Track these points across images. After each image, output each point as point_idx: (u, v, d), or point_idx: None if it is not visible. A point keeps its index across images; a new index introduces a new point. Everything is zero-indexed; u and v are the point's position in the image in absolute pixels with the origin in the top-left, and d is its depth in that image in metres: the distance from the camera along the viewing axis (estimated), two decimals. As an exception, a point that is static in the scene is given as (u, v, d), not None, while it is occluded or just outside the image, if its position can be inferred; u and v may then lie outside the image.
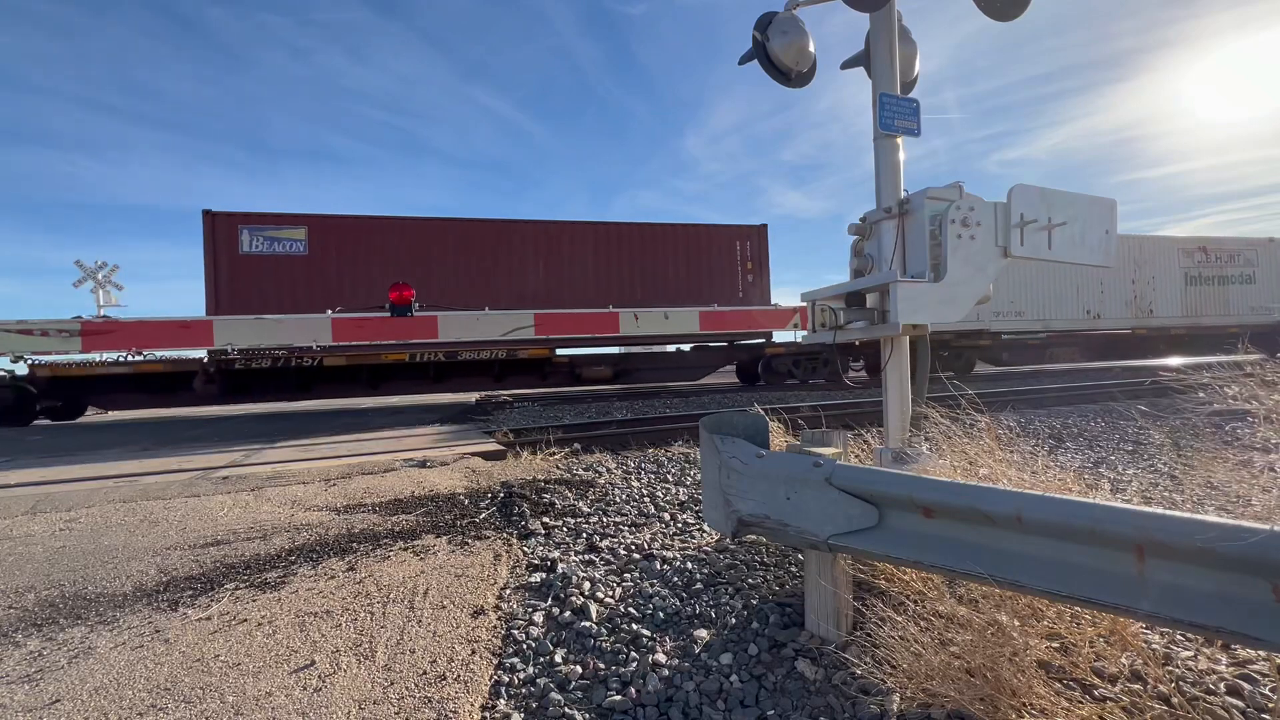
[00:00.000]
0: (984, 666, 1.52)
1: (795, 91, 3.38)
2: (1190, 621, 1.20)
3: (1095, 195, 2.84)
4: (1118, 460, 4.81)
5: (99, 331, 9.83)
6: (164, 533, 3.49)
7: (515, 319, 11.53)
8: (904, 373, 2.89)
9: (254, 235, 11.88)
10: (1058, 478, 2.35)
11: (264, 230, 11.96)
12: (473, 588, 2.63)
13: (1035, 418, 7.15)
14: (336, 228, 12.48)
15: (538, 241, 13.77)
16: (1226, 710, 1.54)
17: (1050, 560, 1.39)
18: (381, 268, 12.46)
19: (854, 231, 3.12)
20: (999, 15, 3.05)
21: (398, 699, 1.81)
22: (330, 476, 4.86)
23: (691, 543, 3.10)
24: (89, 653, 2.13)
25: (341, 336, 10.57)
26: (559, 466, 5.22)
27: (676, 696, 1.80)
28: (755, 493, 2.05)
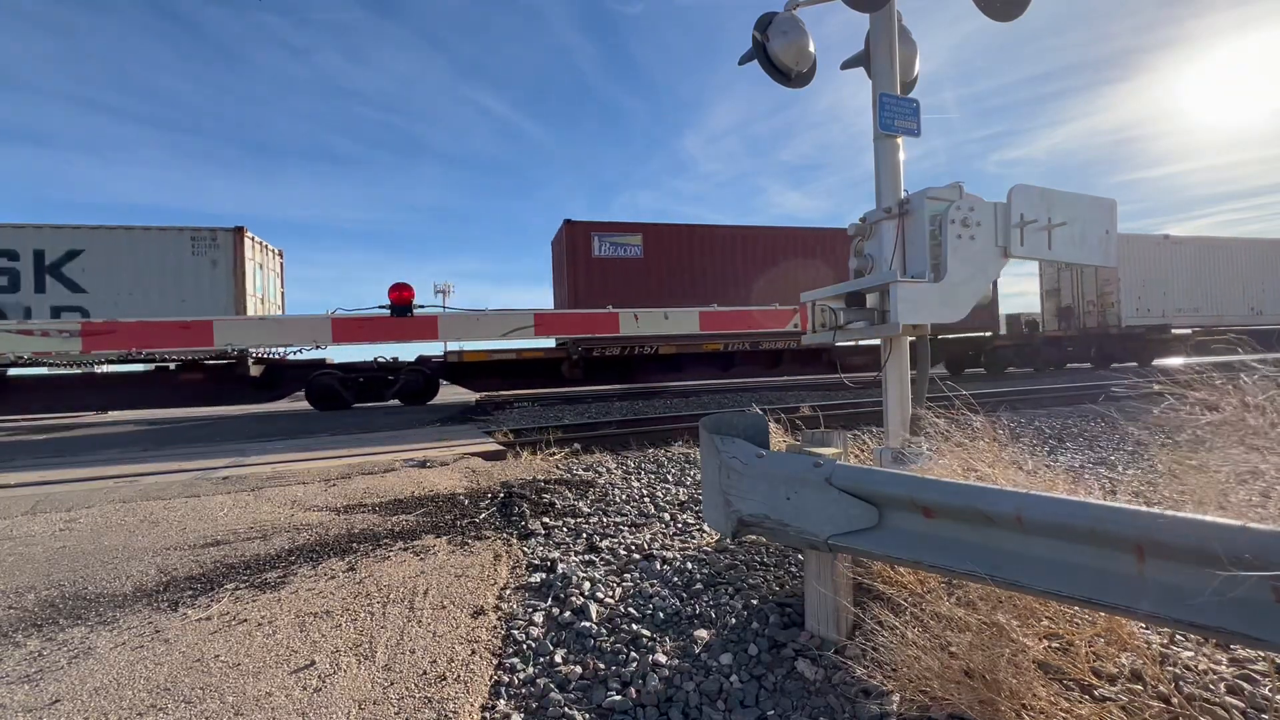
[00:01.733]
0: (983, 668, 1.52)
1: (794, 91, 3.39)
2: (1190, 622, 1.19)
3: (1095, 195, 2.84)
4: (1117, 460, 4.81)
5: (99, 332, 9.82)
6: (164, 533, 3.49)
7: (515, 318, 11.52)
8: (904, 373, 2.89)
9: (602, 241, 13.71)
10: (1064, 483, 2.35)
11: (610, 237, 13.81)
12: (473, 588, 2.63)
13: (1035, 418, 7.15)
14: (665, 234, 14.25)
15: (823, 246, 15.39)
16: (1226, 710, 1.54)
17: (1050, 560, 1.39)
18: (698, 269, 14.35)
19: (854, 231, 3.13)
20: (999, 16, 3.05)
21: (398, 699, 1.81)
22: (330, 476, 4.86)
23: (691, 543, 3.10)
24: (89, 653, 2.13)
25: (341, 337, 10.57)
26: (559, 466, 5.22)
27: (676, 696, 1.80)
28: (755, 493, 2.05)
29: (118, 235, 11.34)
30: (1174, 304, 17.11)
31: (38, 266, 10.93)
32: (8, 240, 10.62)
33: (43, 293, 10.99)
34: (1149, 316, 16.83)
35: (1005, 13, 3.04)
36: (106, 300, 11.12)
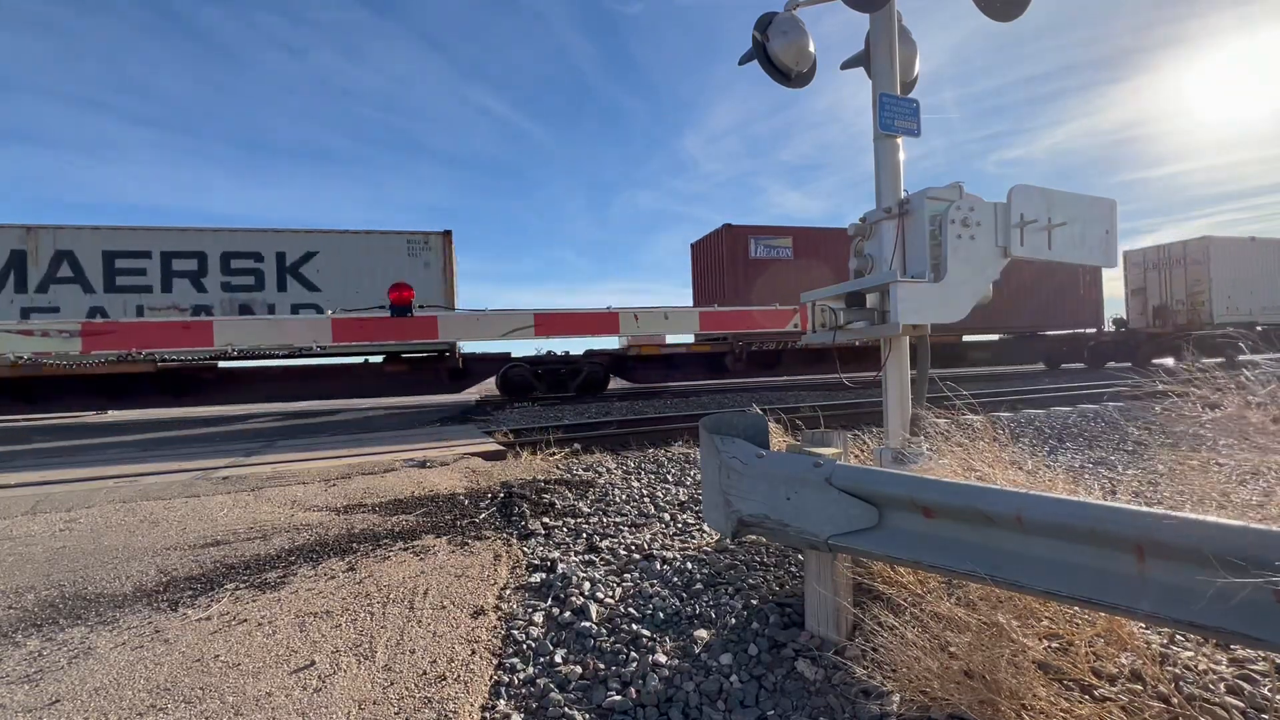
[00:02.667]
0: (983, 668, 1.52)
1: (793, 92, 3.38)
2: (1190, 622, 1.19)
3: (1095, 195, 2.84)
4: (1117, 460, 4.81)
5: (99, 332, 9.82)
6: (164, 533, 3.49)
7: (516, 319, 11.51)
8: (904, 373, 2.89)
9: (758, 243, 14.75)
10: (1064, 483, 2.35)
11: (764, 239, 14.85)
12: (473, 588, 2.63)
13: (1035, 418, 7.15)
14: (812, 237, 15.12)
15: None
16: (1226, 710, 1.54)
17: (1050, 560, 1.39)
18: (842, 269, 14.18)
19: (854, 231, 3.12)
20: (999, 16, 3.05)
21: (398, 699, 1.81)
22: (330, 477, 4.86)
23: (691, 543, 3.10)
24: (89, 653, 2.13)
25: (341, 337, 10.57)
26: (559, 466, 5.22)
27: (676, 696, 1.80)
28: (755, 493, 2.05)
29: (346, 239, 12.40)
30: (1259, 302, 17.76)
31: (280, 267, 11.92)
32: (254, 243, 11.75)
33: (284, 291, 11.93)
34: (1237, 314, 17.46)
35: (1005, 13, 3.04)
36: (337, 297, 12.18)
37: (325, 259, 12.24)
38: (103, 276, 11.07)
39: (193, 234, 11.50)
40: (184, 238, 11.44)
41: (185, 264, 11.43)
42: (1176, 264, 17.84)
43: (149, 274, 11.26)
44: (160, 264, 11.31)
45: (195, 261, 11.51)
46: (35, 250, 10.80)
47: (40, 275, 10.83)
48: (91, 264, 11.02)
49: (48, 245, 10.85)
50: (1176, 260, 17.85)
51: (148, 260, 11.24)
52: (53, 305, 10.80)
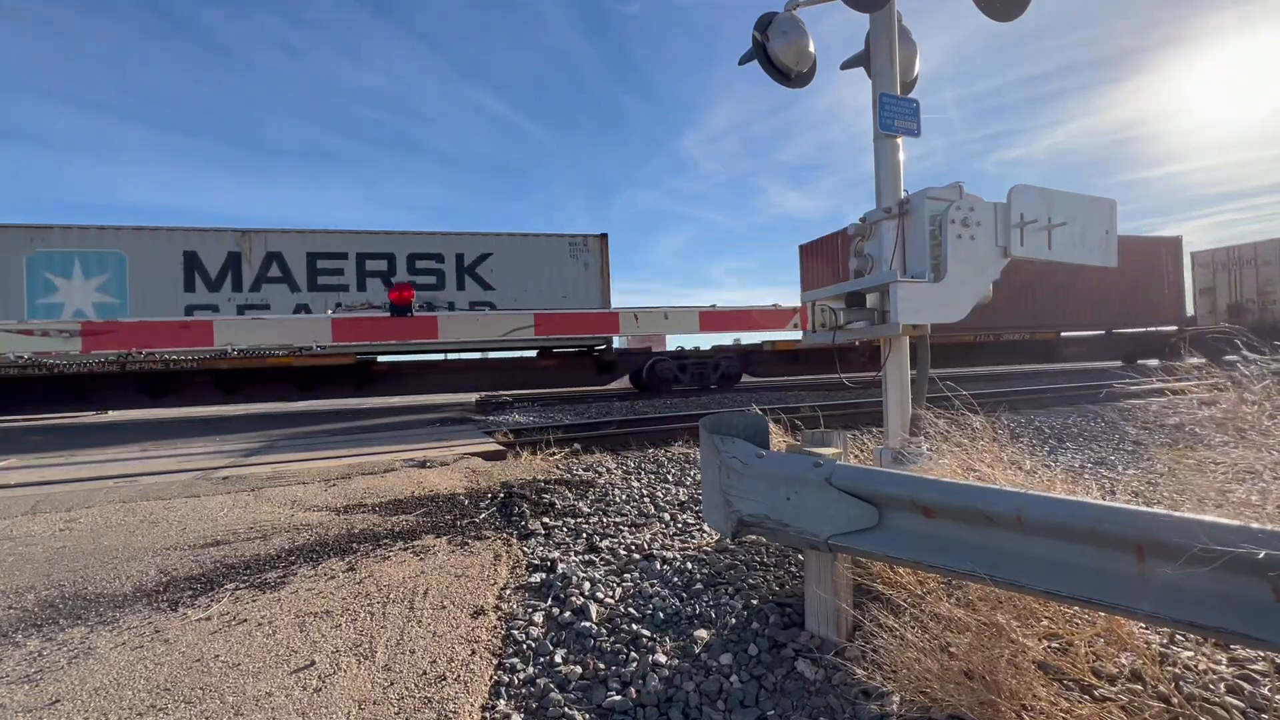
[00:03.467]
0: (983, 668, 1.52)
1: (793, 92, 3.38)
2: (1190, 622, 1.20)
3: (1095, 195, 2.84)
4: (1117, 460, 4.81)
5: (99, 332, 9.82)
6: (164, 533, 3.49)
7: (515, 319, 11.53)
8: (904, 373, 2.89)
9: None
10: (1064, 483, 2.35)
11: None
12: (473, 588, 2.63)
13: (1035, 418, 7.15)
14: None
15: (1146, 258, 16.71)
16: (1226, 710, 1.54)
17: (1050, 560, 1.39)
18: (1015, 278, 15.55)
19: (854, 231, 3.13)
20: (999, 16, 3.05)
21: (398, 699, 1.81)
22: (330, 477, 4.86)
23: (691, 543, 3.10)
24: (89, 653, 2.13)
25: (341, 337, 10.58)
26: (559, 466, 5.22)
27: (676, 696, 1.80)
28: (755, 493, 2.05)
29: (517, 241, 13.34)
30: None
31: (459, 267, 12.94)
32: (436, 245, 12.81)
33: (463, 289, 12.92)
34: None
35: (1005, 13, 3.04)
36: (508, 295, 13.12)
37: (498, 260, 13.20)
38: (306, 276, 12.14)
39: (383, 237, 12.59)
40: (375, 240, 12.52)
41: (377, 264, 12.46)
42: (1247, 264, 18.23)
43: (345, 274, 12.32)
44: (355, 265, 12.36)
45: (385, 262, 12.54)
46: (249, 252, 11.77)
47: (253, 275, 11.85)
48: (297, 265, 12.06)
49: (259, 248, 11.87)
50: (1247, 261, 18.24)
51: (345, 261, 12.30)
52: (264, 303, 11.81)
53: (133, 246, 11.34)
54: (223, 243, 11.69)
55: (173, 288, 11.47)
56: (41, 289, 10.90)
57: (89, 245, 11.13)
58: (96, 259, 11.11)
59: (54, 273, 10.97)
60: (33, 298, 10.88)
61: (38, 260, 10.89)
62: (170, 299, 11.42)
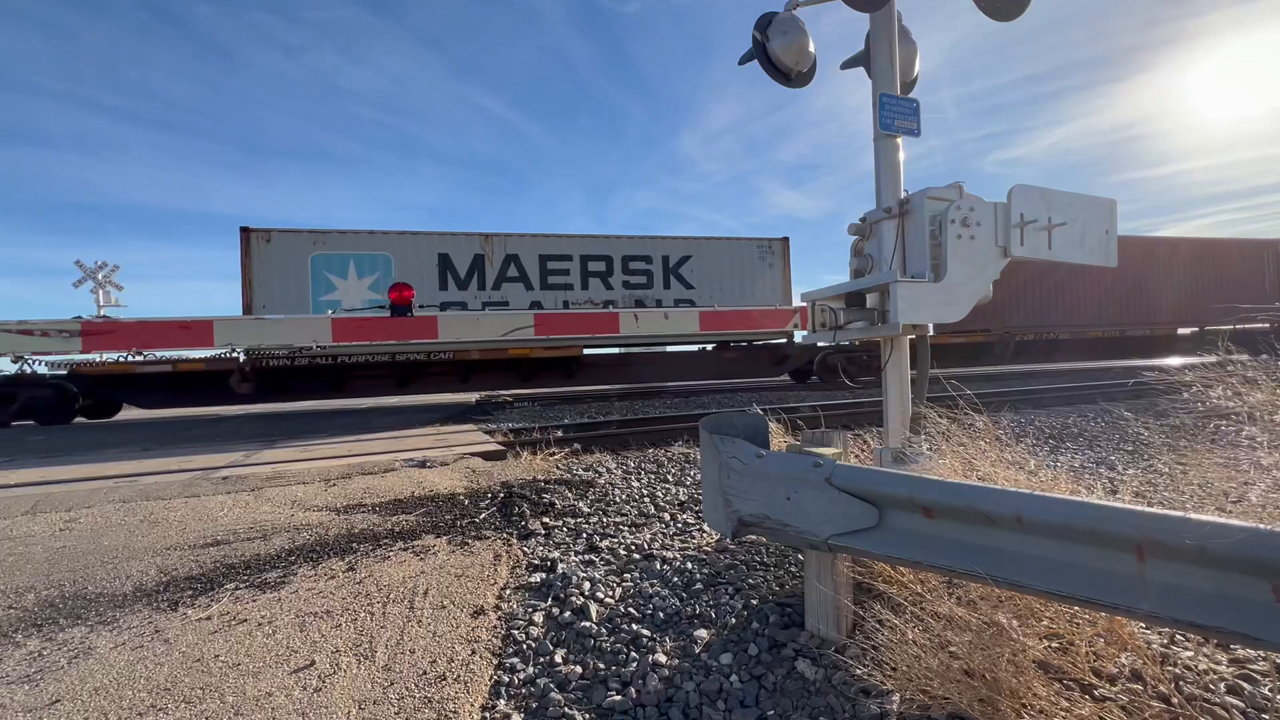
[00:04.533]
0: (983, 667, 1.52)
1: (791, 91, 3.39)
2: (1190, 621, 1.20)
3: (1095, 195, 2.84)
4: (1118, 460, 4.81)
5: (99, 332, 9.84)
6: (164, 533, 3.49)
7: (515, 319, 11.55)
8: (904, 373, 2.89)
9: None
10: (1066, 483, 2.35)
11: None
12: (473, 588, 2.63)
13: (1035, 418, 7.15)
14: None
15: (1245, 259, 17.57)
16: (1226, 710, 1.54)
17: (1051, 560, 1.39)
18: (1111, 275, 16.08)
19: (854, 231, 3.12)
20: (999, 15, 3.05)
21: (398, 699, 1.81)
22: (330, 477, 4.86)
23: (691, 543, 3.10)
24: (89, 653, 2.13)
25: (341, 337, 10.61)
26: (559, 466, 5.22)
27: (676, 696, 1.80)
28: (755, 493, 2.05)
29: (713, 244, 14.59)
30: None
31: (664, 268, 14.30)
32: (645, 249, 14.20)
33: (668, 288, 14.25)
34: None
35: (1005, 12, 3.04)
36: (706, 294, 14.29)
37: (697, 261, 14.41)
38: (538, 276, 13.47)
39: (602, 240, 14.00)
40: (595, 244, 13.91)
41: (596, 265, 13.85)
42: None
43: (570, 274, 13.69)
44: (579, 266, 13.73)
45: (604, 264, 13.93)
46: (490, 254, 13.21)
47: (494, 275, 13.24)
48: (531, 266, 13.42)
49: (499, 250, 13.26)
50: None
51: (570, 263, 13.66)
52: (504, 299, 13.17)
53: (398, 249, 12.69)
54: (470, 246, 13.09)
55: (430, 285, 12.72)
56: (323, 286, 12.22)
57: (362, 248, 12.52)
58: (368, 260, 12.52)
59: (332, 272, 12.32)
60: (316, 294, 12.15)
61: (319, 260, 12.22)
62: (428, 295, 12.59)
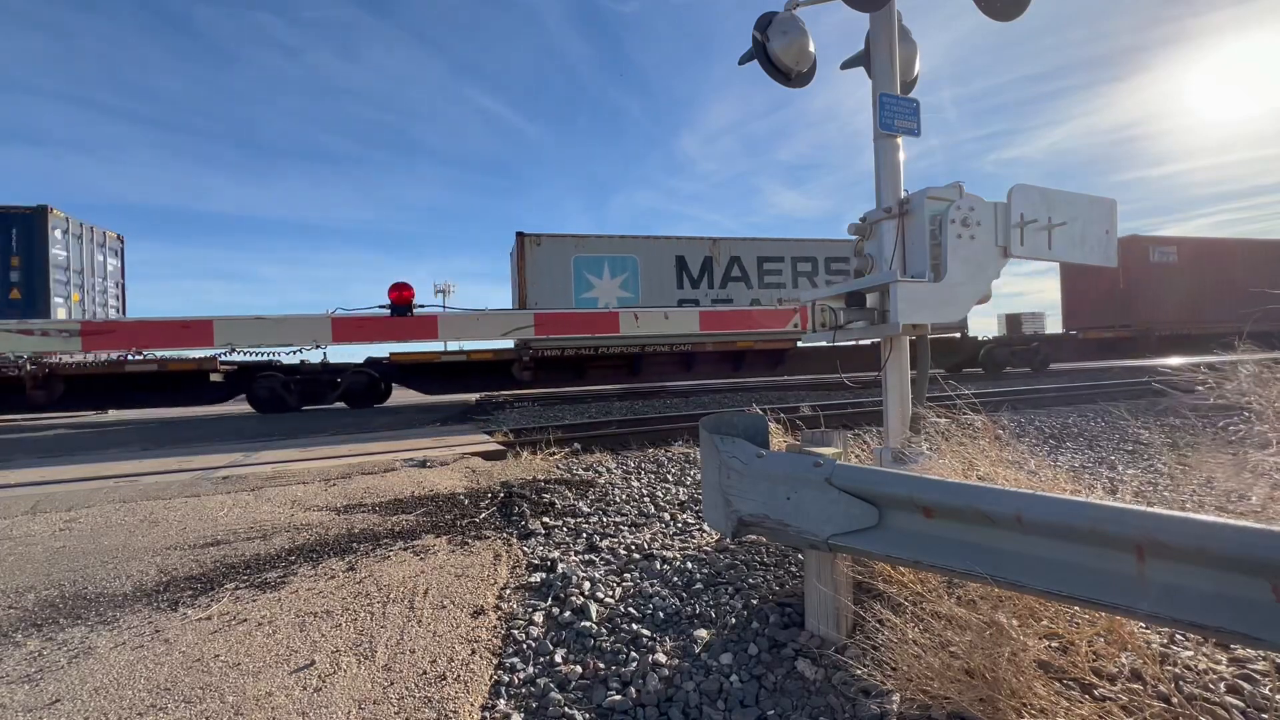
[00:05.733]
0: (983, 667, 1.52)
1: (790, 91, 3.39)
2: (1190, 621, 1.20)
3: (1095, 195, 2.84)
4: (1118, 460, 4.81)
5: (99, 331, 9.83)
6: (164, 533, 3.49)
7: (516, 318, 11.56)
8: (904, 373, 2.89)
9: (1154, 250, 18.10)
10: (1066, 483, 2.35)
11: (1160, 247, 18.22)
12: (473, 588, 2.63)
13: (1035, 418, 7.15)
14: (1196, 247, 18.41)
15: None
16: (1226, 710, 1.54)
17: (1050, 560, 1.39)
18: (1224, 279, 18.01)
19: (854, 231, 3.13)
20: (999, 15, 3.05)
21: (398, 699, 1.81)
22: (330, 476, 4.86)
23: (691, 543, 3.10)
24: (89, 653, 2.13)
25: (341, 337, 10.60)
26: (559, 466, 5.22)
27: (676, 696, 1.80)
28: (755, 493, 2.05)
29: None
30: None
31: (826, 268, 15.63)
32: (810, 250, 15.43)
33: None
34: None
35: (1005, 12, 3.04)
36: None
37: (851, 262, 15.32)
38: (756, 276, 14.82)
39: (809, 244, 15.39)
40: (803, 246, 15.32)
41: (804, 266, 15.27)
42: None
43: (783, 274, 15.04)
44: (790, 266, 15.16)
45: (810, 264, 15.33)
46: (718, 256, 14.64)
47: (721, 274, 14.63)
48: (750, 267, 14.85)
49: (725, 253, 14.70)
50: None
51: (782, 264, 15.12)
52: (728, 297, 14.66)
53: (643, 252, 14.15)
54: (700, 249, 14.54)
55: (669, 284, 14.20)
56: (583, 285, 13.79)
57: (614, 251, 14.06)
58: (620, 261, 14.02)
59: (590, 272, 13.83)
60: (578, 292, 13.78)
61: (580, 262, 13.78)
62: (668, 293, 14.20)
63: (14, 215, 11.09)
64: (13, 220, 11.10)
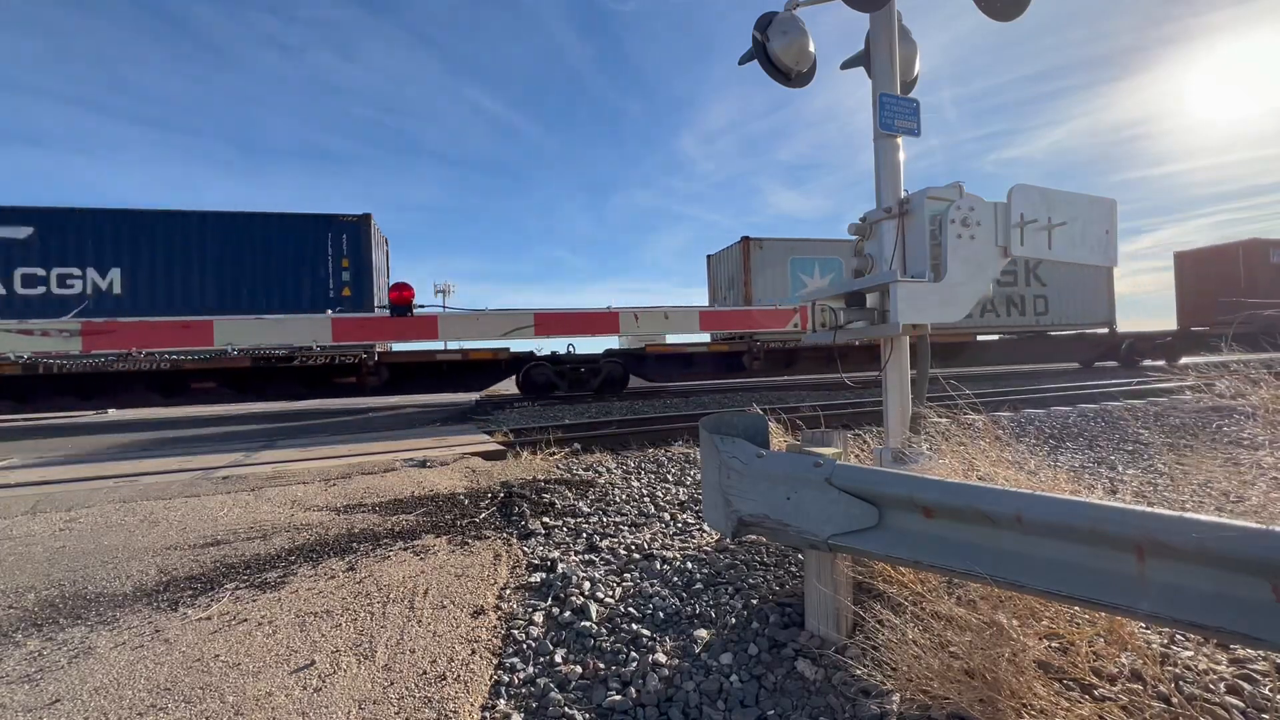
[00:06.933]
0: (983, 667, 1.52)
1: (790, 91, 3.39)
2: (1190, 621, 1.20)
3: (1095, 195, 2.84)
4: (1118, 460, 4.81)
5: (99, 331, 9.84)
6: (164, 533, 3.49)
7: (515, 318, 11.57)
8: (904, 373, 2.89)
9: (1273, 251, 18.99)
10: (1066, 483, 2.35)
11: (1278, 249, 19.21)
12: (473, 588, 2.63)
13: (1035, 418, 7.14)
14: None
15: None
16: (1226, 710, 1.54)
17: (1051, 560, 1.39)
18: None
19: (854, 231, 3.12)
20: (999, 15, 3.05)
21: (398, 699, 1.81)
22: (330, 476, 4.86)
23: (691, 543, 3.10)
24: (89, 653, 2.13)
25: (341, 337, 10.62)
26: (559, 466, 5.22)
27: (676, 696, 1.80)
28: (755, 493, 2.05)
29: None
30: None
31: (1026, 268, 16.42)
32: None
33: (1029, 285, 16.60)
34: None
35: (1005, 12, 3.04)
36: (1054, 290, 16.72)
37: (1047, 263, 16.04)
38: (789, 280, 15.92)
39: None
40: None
41: None
42: None
43: None
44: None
45: None
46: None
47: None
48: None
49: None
50: None
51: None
52: None
53: (846, 253, 14.68)
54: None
55: None
56: (797, 283, 15.24)
57: (822, 253, 15.59)
58: (827, 263, 15.55)
59: (804, 272, 15.42)
60: (793, 289, 15.13)
61: (795, 263, 15.38)
62: None
63: (344, 223, 12.59)
64: (343, 227, 12.58)
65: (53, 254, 11.43)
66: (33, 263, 11.39)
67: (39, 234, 11.45)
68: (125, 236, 11.70)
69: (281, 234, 12.18)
